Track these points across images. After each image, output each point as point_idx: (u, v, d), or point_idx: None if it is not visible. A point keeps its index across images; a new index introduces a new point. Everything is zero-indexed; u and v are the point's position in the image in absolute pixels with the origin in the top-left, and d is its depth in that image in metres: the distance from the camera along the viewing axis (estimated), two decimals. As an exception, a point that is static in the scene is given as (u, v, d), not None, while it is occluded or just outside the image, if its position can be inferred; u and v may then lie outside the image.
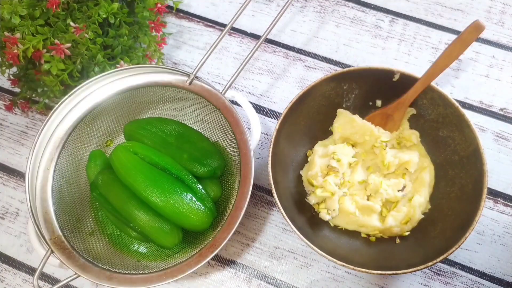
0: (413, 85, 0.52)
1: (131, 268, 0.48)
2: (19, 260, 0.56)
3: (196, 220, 0.47)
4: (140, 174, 0.47)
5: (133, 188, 0.47)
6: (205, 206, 0.47)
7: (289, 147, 0.53)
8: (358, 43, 0.64)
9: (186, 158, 0.50)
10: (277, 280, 0.53)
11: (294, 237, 0.55)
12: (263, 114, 0.61)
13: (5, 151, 0.61)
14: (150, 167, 0.48)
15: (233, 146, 0.51)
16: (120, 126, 0.56)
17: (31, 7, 0.53)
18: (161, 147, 0.51)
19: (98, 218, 0.53)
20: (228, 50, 0.65)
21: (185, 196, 0.47)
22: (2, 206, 0.58)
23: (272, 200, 0.57)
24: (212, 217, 0.48)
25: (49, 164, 0.49)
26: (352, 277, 0.53)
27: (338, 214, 0.52)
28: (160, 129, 0.52)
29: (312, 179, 0.52)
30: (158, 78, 0.51)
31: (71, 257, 0.46)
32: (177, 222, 0.47)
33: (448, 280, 0.52)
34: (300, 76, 0.63)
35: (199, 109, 0.55)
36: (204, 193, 0.48)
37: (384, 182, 0.51)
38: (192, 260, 0.46)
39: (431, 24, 0.64)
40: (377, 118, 0.55)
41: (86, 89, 0.51)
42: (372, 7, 0.66)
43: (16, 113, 0.63)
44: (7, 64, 0.56)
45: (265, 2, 0.67)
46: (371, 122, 0.55)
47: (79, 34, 0.53)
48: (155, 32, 0.60)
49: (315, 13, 0.66)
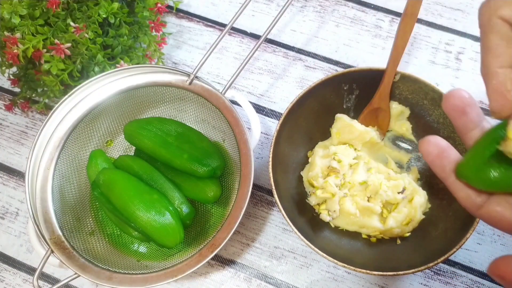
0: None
1: (131, 268, 0.48)
2: (19, 260, 0.56)
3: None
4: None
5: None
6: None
7: (290, 148, 0.53)
8: (358, 43, 0.64)
9: (186, 158, 0.50)
10: (277, 280, 0.53)
11: (294, 237, 0.55)
12: (263, 114, 0.61)
13: (5, 151, 0.61)
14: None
15: (233, 146, 0.51)
16: (120, 126, 0.56)
17: (31, 7, 0.53)
18: (161, 147, 0.51)
19: (98, 218, 0.53)
20: (228, 50, 0.65)
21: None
22: (2, 206, 0.58)
23: (272, 200, 0.57)
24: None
25: (49, 164, 0.49)
26: (352, 277, 0.53)
27: (338, 215, 0.52)
28: (160, 129, 0.52)
29: (312, 180, 0.52)
30: (158, 78, 0.51)
31: (71, 257, 0.46)
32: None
33: (448, 280, 0.52)
34: (300, 76, 0.63)
35: (199, 109, 0.55)
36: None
37: (383, 183, 0.51)
38: (192, 260, 0.46)
39: (431, 24, 0.64)
40: (368, 117, 0.55)
41: (86, 89, 0.51)
42: (372, 7, 0.66)
43: (16, 113, 0.63)
44: (7, 64, 0.56)
45: (265, 2, 0.67)
46: (364, 123, 0.54)
47: (79, 34, 0.53)
48: (155, 32, 0.60)
49: (315, 13, 0.66)
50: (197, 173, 0.50)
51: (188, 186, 0.52)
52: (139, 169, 0.51)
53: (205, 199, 0.51)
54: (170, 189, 0.50)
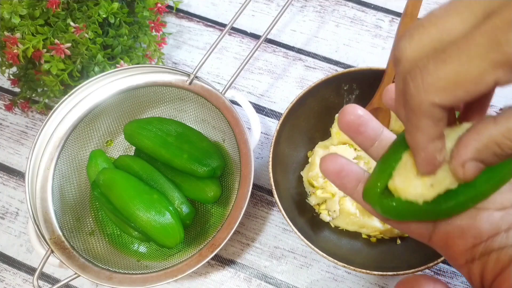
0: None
1: (131, 268, 0.48)
2: (19, 260, 0.56)
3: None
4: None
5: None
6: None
7: (290, 148, 0.53)
8: (358, 43, 0.64)
9: (186, 158, 0.50)
10: (277, 280, 0.53)
11: (294, 237, 0.55)
12: (263, 114, 0.61)
13: (5, 151, 0.61)
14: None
15: (233, 146, 0.51)
16: (120, 126, 0.56)
17: (31, 7, 0.53)
18: (161, 147, 0.51)
19: (98, 218, 0.53)
20: (228, 50, 0.65)
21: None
22: (2, 206, 0.58)
23: (272, 200, 0.57)
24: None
25: (49, 164, 0.49)
26: (352, 277, 0.53)
27: (338, 215, 0.52)
28: (160, 129, 0.52)
29: (312, 180, 0.52)
30: (158, 78, 0.51)
31: (71, 257, 0.46)
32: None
33: (448, 280, 0.52)
34: (300, 76, 0.63)
35: (199, 109, 0.55)
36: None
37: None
38: (192, 260, 0.46)
39: (431, 24, 0.64)
40: None
41: (86, 89, 0.51)
42: (372, 7, 0.66)
43: (16, 113, 0.63)
44: (7, 64, 0.56)
45: (265, 2, 0.67)
46: None
47: (79, 34, 0.53)
48: (155, 32, 0.60)
49: (315, 13, 0.66)
50: (197, 173, 0.50)
51: (188, 186, 0.52)
52: (139, 169, 0.52)
53: (205, 199, 0.51)
54: (170, 189, 0.50)
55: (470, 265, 0.26)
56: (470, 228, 0.26)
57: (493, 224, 0.26)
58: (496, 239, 0.25)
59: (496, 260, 0.25)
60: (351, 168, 0.29)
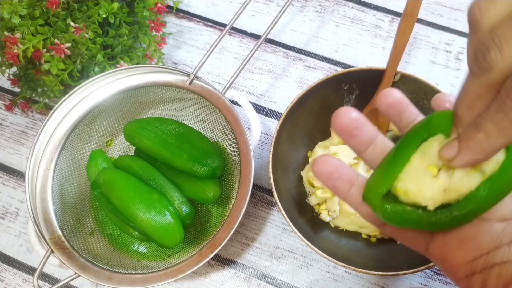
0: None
1: (131, 268, 0.48)
2: (19, 260, 0.56)
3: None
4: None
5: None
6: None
7: (290, 148, 0.53)
8: (358, 43, 0.64)
9: (186, 158, 0.50)
10: (277, 280, 0.53)
11: (294, 237, 0.55)
12: (263, 114, 0.61)
13: (5, 151, 0.61)
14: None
15: (233, 146, 0.51)
16: (120, 126, 0.56)
17: (31, 7, 0.53)
18: (161, 147, 0.51)
19: (98, 218, 0.53)
20: (228, 50, 0.65)
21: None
22: (2, 206, 0.58)
23: (272, 200, 0.57)
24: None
25: (49, 164, 0.49)
26: (352, 277, 0.53)
27: (338, 215, 0.52)
28: (160, 129, 0.52)
29: (312, 180, 0.52)
30: (158, 78, 0.51)
31: (71, 257, 0.46)
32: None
33: (448, 280, 0.52)
34: (300, 76, 0.63)
35: (199, 109, 0.55)
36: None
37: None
38: (192, 260, 0.46)
39: (431, 24, 0.64)
40: (368, 117, 0.54)
41: (86, 89, 0.51)
42: (372, 7, 0.66)
43: (16, 113, 0.63)
44: (7, 64, 0.56)
45: (265, 2, 0.67)
46: None
47: (79, 34, 0.53)
48: (155, 32, 0.60)
49: (315, 13, 0.66)
50: (197, 173, 0.50)
51: (188, 186, 0.52)
52: (139, 169, 0.51)
53: (205, 199, 0.51)
54: (170, 189, 0.50)
55: (469, 279, 0.25)
56: (469, 239, 0.25)
57: (494, 236, 0.25)
58: (498, 252, 0.25)
59: (498, 275, 0.24)
60: (343, 170, 0.29)
